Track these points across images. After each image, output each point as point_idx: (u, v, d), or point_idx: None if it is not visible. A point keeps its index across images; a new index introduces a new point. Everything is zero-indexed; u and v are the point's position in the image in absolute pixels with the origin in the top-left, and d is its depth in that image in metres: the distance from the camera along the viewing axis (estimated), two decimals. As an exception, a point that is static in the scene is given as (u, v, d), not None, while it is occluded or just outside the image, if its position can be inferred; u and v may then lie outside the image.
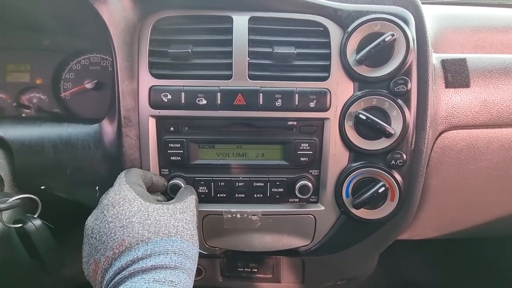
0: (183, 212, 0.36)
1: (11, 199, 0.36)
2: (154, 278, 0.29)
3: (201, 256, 0.55)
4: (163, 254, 0.31)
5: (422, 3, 0.51)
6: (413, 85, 0.44)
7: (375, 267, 0.74)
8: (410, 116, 0.44)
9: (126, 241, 0.31)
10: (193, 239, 0.35)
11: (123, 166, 0.44)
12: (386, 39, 0.41)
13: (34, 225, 0.37)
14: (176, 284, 0.29)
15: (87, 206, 0.44)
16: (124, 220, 0.32)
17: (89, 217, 0.36)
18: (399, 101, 0.44)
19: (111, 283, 0.30)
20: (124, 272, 0.30)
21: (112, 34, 0.41)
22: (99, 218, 0.34)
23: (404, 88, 0.44)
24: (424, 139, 0.45)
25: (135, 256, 0.30)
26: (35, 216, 0.38)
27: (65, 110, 0.54)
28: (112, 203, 0.34)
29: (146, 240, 0.31)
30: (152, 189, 0.43)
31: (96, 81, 0.54)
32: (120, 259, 0.31)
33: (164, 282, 0.29)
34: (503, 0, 0.75)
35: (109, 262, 0.31)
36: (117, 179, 0.39)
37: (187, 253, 0.33)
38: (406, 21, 0.44)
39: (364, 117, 0.43)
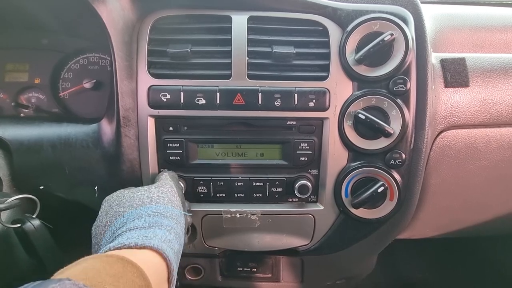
0: (159, 187, 0.38)
1: (9, 199, 0.36)
2: (127, 237, 0.30)
3: (200, 255, 0.55)
4: (137, 219, 0.33)
5: (422, 2, 0.51)
6: (412, 85, 0.44)
7: (374, 266, 0.74)
8: (409, 116, 0.44)
9: (108, 221, 0.35)
10: (173, 204, 0.37)
11: (122, 165, 0.44)
12: (385, 39, 0.41)
13: (33, 225, 0.37)
14: (150, 238, 0.30)
15: (86, 206, 0.44)
16: (108, 208, 0.36)
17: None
18: (398, 100, 0.44)
19: None
20: (110, 240, 0.32)
21: (111, 34, 0.41)
22: (97, 218, 0.37)
23: (403, 88, 0.44)
24: (423, 138, 0.45)
25: (113, 229, 0.33)
26: (34, 216, 0.38)
27: (64, 110, 0.54)
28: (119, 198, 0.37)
29: (122, 214, 0.34)
30: None
31: (95, 80, 0.54)
32: (104, 237, 0.34)
33: (138, 237, 0.30)
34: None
35: (99, 246, 0.34)
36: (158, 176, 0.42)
37: (164, 214, 0.34)
38: (405, 21, 0.44)
39: (363, 117, 0.43)
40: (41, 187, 0.42)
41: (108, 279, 0.25)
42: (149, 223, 0.32)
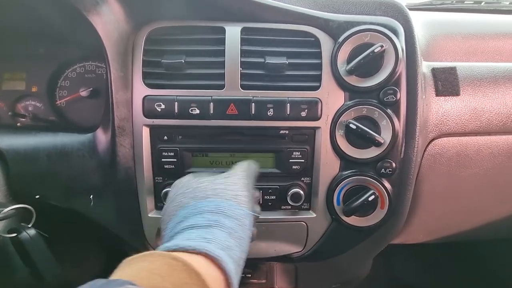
0: (226, 177, 0.36)
1: (5, 210, 0.37)
2: (187, 238, 0.29)
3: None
4: (198, 214, 0.32)
5: (413, 9, 0.51)
6: (402, 95, 0.45)
7: (369, 271, 0.75)
8: (400, 126, 0.45)
9: (172, 212, 0.34)
10: (238, 200, 0.34)
11: (117, 174, 0.45)
12: (376, 50, 0.42)
13: (29, 234, 0.37)
14: (210, 240, 0.29)
15: (82, 214, 0.45)
16: (174, 196, 0.36)
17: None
18: (389, 110, 0.45)
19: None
20: (174, 231, 0.32)
21: (106, 45, 0.42)
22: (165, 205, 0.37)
23: (394, 98, 0.44)
24: (414, 147, 0.46)
25: (175, 223, 0.32)
26: (30, 225, 0.39)
27: (60, 118, 0.55)
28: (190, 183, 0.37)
29: (184, 206, 0.33)
30: None
31: (91, 89, 0.54)
32: (167, 229, 0.33)
33: (195, 239, 0.29)
34: (493, 6, 0.76)
35: (163, 236, 0.34)
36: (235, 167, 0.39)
37: (226, 212, 0.32)
38: (395, 32, 0.44)
39: (354, 127, 0.44)
40: (37, 196, 0.43)
41: (158, 279, 0.24)
42: (209, 222, 0.30)
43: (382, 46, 0.42)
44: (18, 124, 0.54)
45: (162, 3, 0.43)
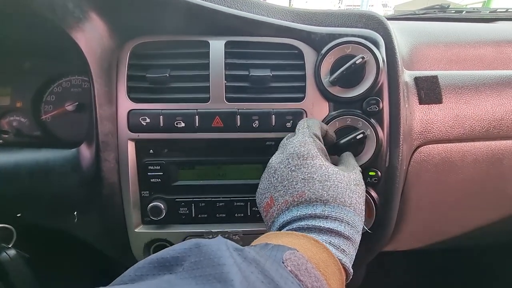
0: (357, 185, 0.36)
1: (-16, 230, 0.36)
2: (330, 241, 0.30)
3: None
4: (338, 221, 0.31)
5: (397, 19, 0.52)
6: (385, 105, 0.45)
7: (362, 278, 0.74)
8: (383, 134, 0.45)
9: (306, 195, 0.33)
10: (363, 215, 0.35)
11: (102, 190, 0.44)
12: (357, 62, 0.43)
13: (8, 255, 0.37)
14: (346, 255, 0.30)
15: (65, 232, 0.44)
16: (306, 174, 0.34)
17: (273, 157, 0.38)
18: (372, 120, 0.45)
19: (287, 226, 0.33)
20: (301, 222, 0.32)
21: (89, 61, 0.42)
22: (283, 163, 0.36)
23: (376, 108, 0.45)
24: (398, 156, 0.47)
25: (312, 212, 0.32)
26: (10, 245, 0.38)
27: (45, 133, 0.54)
28: (297, 153, 0.35)
29: (325, 202, 0.32)
30: (325, 140, 0.42)
31: (77, 103, 0.54)
32: (298, 208, 0.33)
33: (338, 248, 0.30)
34: (474, 14, 0.79)
35: (287, 206, 0.33)
36: (300, 128, 0.39)
37: (357, 228, 0.33)
38: (376, 44, 0.45)
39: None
40: (18, 215, 0.42)
41: (321, 264, 0.26)
42: (348, 234, 0.31)
43: (363, 58, 0.43)
44: (0, 141, 0.53)
45: (146, 19, 0.44)
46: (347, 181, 0.34)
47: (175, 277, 0.20)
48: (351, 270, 0.31)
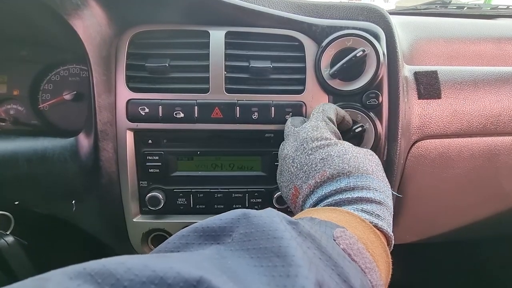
0: (372, 155, 0.36)
1: (-18, 217, 0.36)
2: (362, 208, 0.29)
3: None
4: (366, 189, 0.30)
5: (398, 13, 0.52)
6: (384, 99, 0.46)
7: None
8: (382, 128, 0.46)
9: (328, 172, 0.32)
10: (387, 181, 0.34)
11: (100, 179, 0.44)
12: (358, 55, 0.43)
13: (6, 242, 0.37)
14: (382, 219, 0.29)
15: (63, 220, 0.44)
16: (324, 153, 0.33)
17: (286, 147, 0.37)
18: (371, 114, 0.45)
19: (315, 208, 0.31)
20: (329, 199, 0.31)
21: (88, 49, 0.41)
22: (299, 150, 0.35)
23: (376, 102, 0.45)
24: (396, 150, 0.47)
25: (338, 187, 0.31)
26: (8, 232, 0.38)
27: (43, 122, 0.54)
28: (311, 137, 0.35)
29: (347, 174, 0.31)
30: (341, 125, 0.42)
31: (75, 92, 0.54)
32: (323, 188, 0.32)
33: (372, 214, 0.28)
34: (475, 11, 0.78)
35: (311, 189, 0.33)
36: (315, 113, 0.39)
37: (386, 193, 0.32)
38: (377, 37, 0.45)
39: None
40: (16, 202, 0.42)
41: (369, 245, 0.25)
42: (379, 199, 0.30)
43: (364, 51, 0.43)
44: (-2, 129, 0.53)
45: (146, 8, 0.43)
46: (364, 152, 0.35)
47: (225, 248, 0.19)
48: (391, 234, 0.29)
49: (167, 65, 0.44)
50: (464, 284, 0.90)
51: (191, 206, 0.48)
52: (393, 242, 0.29)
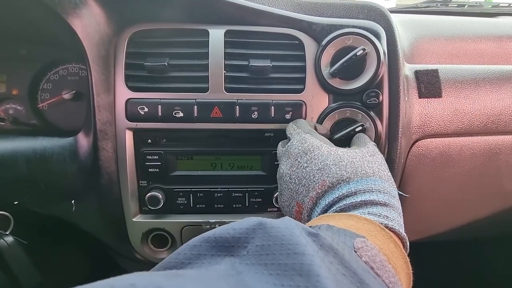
0: (372, 155, 0.35)
1: (-19, 217, 0.36)
2: (368, 212, 0.28)
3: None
4: (368, 192, 0.29)
5: (399, 11, 0.52)
6: (384, 98, 0.45)
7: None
8: (382, 128, 0.45)
9: (327, 181, 0.31)
10: (392, 181, 0.33)
11: (100, 179, 0.44)
12: (358, 54, 0.43)
13: (6, 242, 0.37)
14: (391, 220, 0.27)
15: (63, 220, 0.44)
16: (319, 163, 0.33)
17: (281, 167, 0.37)
18: (371, 113, 0.45)
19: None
20: (333, 207, 0.30)
21: (86, 48, 0.41)
22: (294, 165, 0.35)
23: (376, 101, 0.45)
24: (396, 149, 0.47)
25: (340, 194, 0.30)
26: (7, 232, 0.38)
27: (42, 121, 0.54)
28: (302, 151, 0.35)
29: (347, 180, 0.31)
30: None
31: (74, 91, 0.53)
32: (325, 198, 0.31)
33: (380, 216, 0.27)
34: (476, 9, 0.78)
35: (314, 201, 0.32)
36: (292, 132, 0.39)
37: (391, 193, 0.31)
38: (377, 35, 0.45)
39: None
40: (15, 202, 0.42)
41: (390, 256, 0.23)
42: (384, 200, 0.29)
43: (364, 50, 0.43)
44: (-3, 129, 0.52)
45: (144, 6, 0.43)
46: (361, 155, 0.34)
47: (240, 262, 0.18)
48: (404, 234, 0.28)
49: (166, 64, 0.43)
50: (464, 282, 0.90)
51: (191, 205, 0.48)
52: (408, 244, 0.28)
